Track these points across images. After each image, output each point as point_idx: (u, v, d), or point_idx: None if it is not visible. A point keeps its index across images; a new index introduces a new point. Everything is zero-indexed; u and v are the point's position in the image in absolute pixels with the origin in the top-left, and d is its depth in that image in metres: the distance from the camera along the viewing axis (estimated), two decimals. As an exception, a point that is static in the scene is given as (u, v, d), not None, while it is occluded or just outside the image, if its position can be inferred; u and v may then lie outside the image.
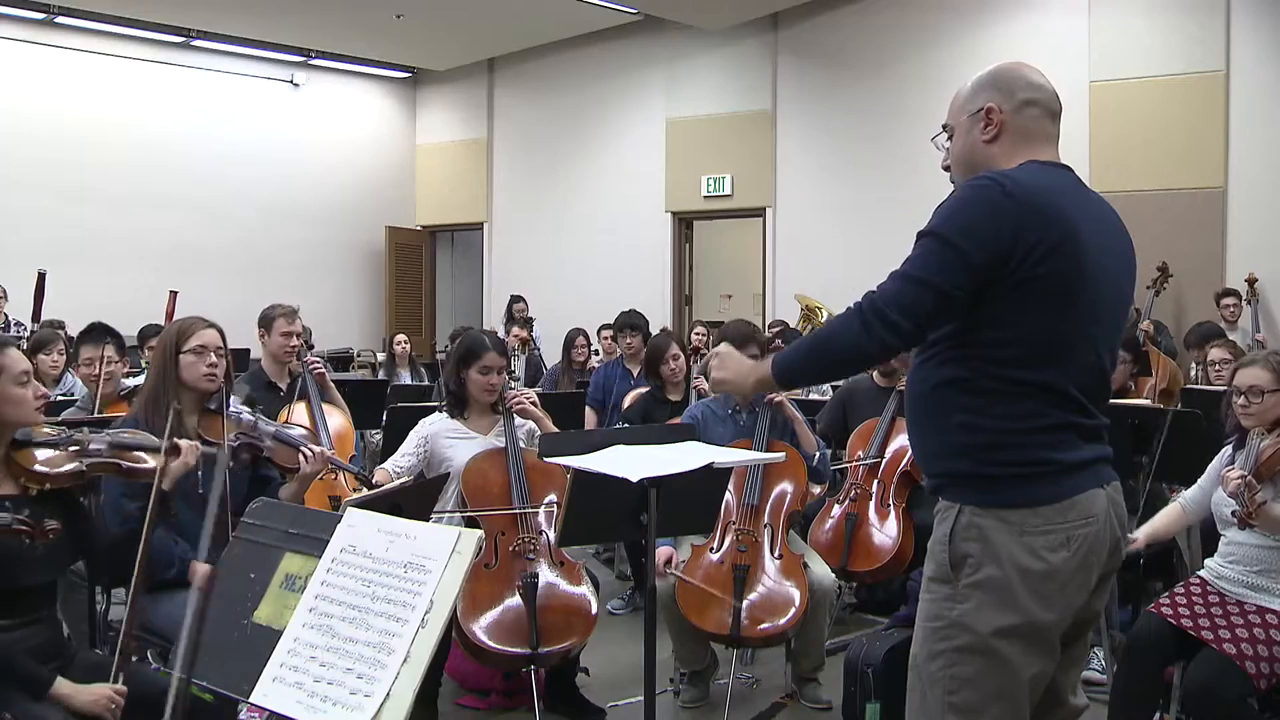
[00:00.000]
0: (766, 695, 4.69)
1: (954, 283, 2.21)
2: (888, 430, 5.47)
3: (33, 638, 2.84)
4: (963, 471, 2.32)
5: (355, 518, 2.10)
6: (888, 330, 2.22)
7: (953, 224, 2.24)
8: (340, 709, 1.88)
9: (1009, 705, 2.28)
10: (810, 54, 11.96)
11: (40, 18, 11.92)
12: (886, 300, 2.23)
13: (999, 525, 2.26)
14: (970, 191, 2.27)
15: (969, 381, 2.30)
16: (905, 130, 10.90)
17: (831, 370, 2.49)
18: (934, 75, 10.70)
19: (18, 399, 2.87)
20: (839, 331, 2.30)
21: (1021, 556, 2.25)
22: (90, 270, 11.43)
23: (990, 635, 2.25)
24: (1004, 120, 2.40)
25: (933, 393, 2.36)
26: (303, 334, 5.40)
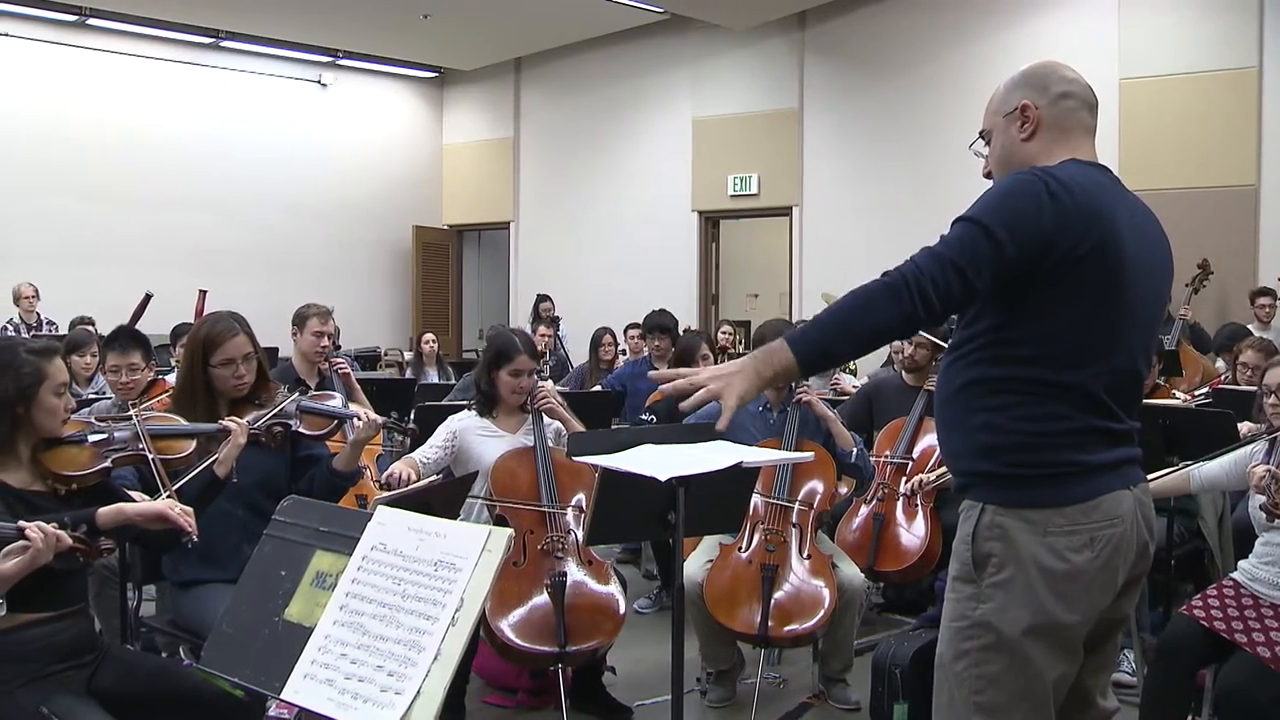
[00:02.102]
0: (794, 695, 4.68)
1: (985, 272, 2.18)
2: (915, 429, 5.45)
3: (66, 631, 2.86)
4: (987, 471, 2.31)
5: (385, 516, 2.11)
6: (922, 305, 2.16)
7: (994, 214, 2.20)
8: (371, 706, 1.88)
9: (1034, 706, 2.27)
10: (837, 53, 11.92)
11: (71, 19, 12.04)
12: (922, 274, 2.18)
13: (1022, 525, 2.25)
14: (1015, 184, 2.24)
15: (996, 382, 2.28)
16: (933, 129, 10.86)
17: (856, 345, 2.29)
18: (962, 74, 10.66)
19: (52, 408, 2.90)
20: (869, 303, 2.20)
21: (1044, 557, 2.23)
22: (121, 270, 11.53)
23: (1014, 635, 2.24)
24: (1040, 116, 2.38)
25: (960, 392, 2.35)
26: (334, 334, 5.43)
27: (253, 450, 3.40)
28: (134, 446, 3.08)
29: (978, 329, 2.31)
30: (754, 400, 4.80)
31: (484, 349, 4.66)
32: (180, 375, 3.70)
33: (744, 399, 2.26)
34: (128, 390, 4.83)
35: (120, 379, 4.87)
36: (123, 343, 4.96)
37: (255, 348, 3.63)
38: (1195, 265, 8.86)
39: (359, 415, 3.65)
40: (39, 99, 11.96)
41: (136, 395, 4.78)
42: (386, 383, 7.71)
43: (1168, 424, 4.48)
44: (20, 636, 2.74)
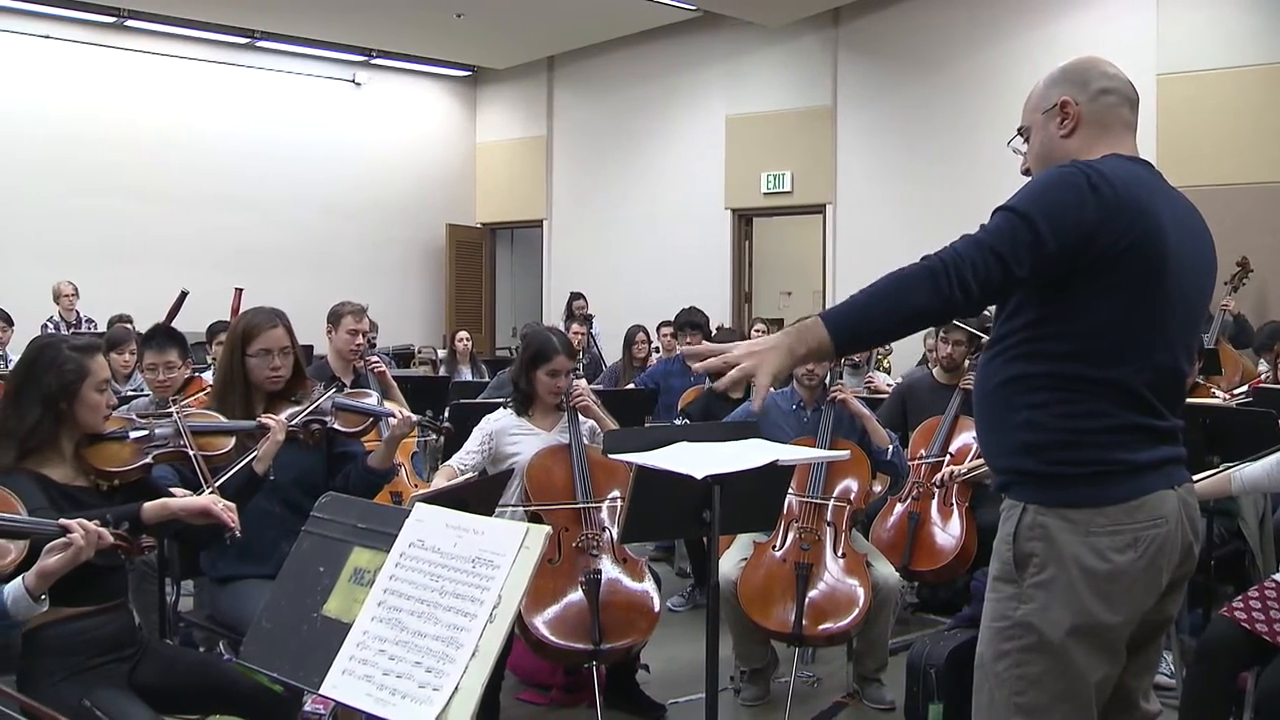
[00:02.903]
0: (828, 694, 4.66)
1: (1026, 262, 2.15)
2: (950, 428, 5.42)
3: (107, 625, 2.90)
4: (1028, 470, 2.28)
5: (423, 513, 2.11)
6: (959, 290, 2.14)
7: (1036, 204, 2.18)
8: (409, 702, 1.88)
9: (1076, 707, 2.24)
10: (871, 49, 11.87)
11: (110, 21, 12.16)
12: (962, 260, 2.15)
13: (1063, 525, 2.23)
14: (1057, 176, 2.22)
15: (1036, 379, 2.26)
16: (968, 126, 10.79)
17: (893, 327, 2.25)
18: (997, 70, 10.58)
19: (94, 404, 2.93)
20: (907, 285, 2.17)
21: (1086, 557, 2.21)
22: (158, 268, 11.64)
23: (1055, 636, 2.22)
24: (1080, 112, 2.36)
25: (999, 389, 2.33)
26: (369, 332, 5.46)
27: (290, 447, 3.43)
28: (175, 443, 3.11)
29: (1017, 324, 2.29)
30: (788, 398, 4.84)
31: (521, 348, 4.67)
32: (220, 367, 3.74)
33: (778, 376, 2.22)
34: (164, 388, 4.87)
35: (157, 377, 4.91)
36: (159, 341, 5.00)
37: (293, 343, 3.67)
38: (1234, 263, 8.76)
39: (394, 413, 3.67)
40: (79, 100, 12.09)
41: (173, 393, 4.82)
42: (420, 380, 7.74)
43: (1209, 423, 4.43)
44: (63, 630, 2.78)
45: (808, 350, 2.22)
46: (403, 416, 3.65)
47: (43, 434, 2.86)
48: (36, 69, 11.88)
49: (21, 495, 2.61)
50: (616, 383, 8.27)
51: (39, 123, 11.77)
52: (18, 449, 2.83)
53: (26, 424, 2.84)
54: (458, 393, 7.30)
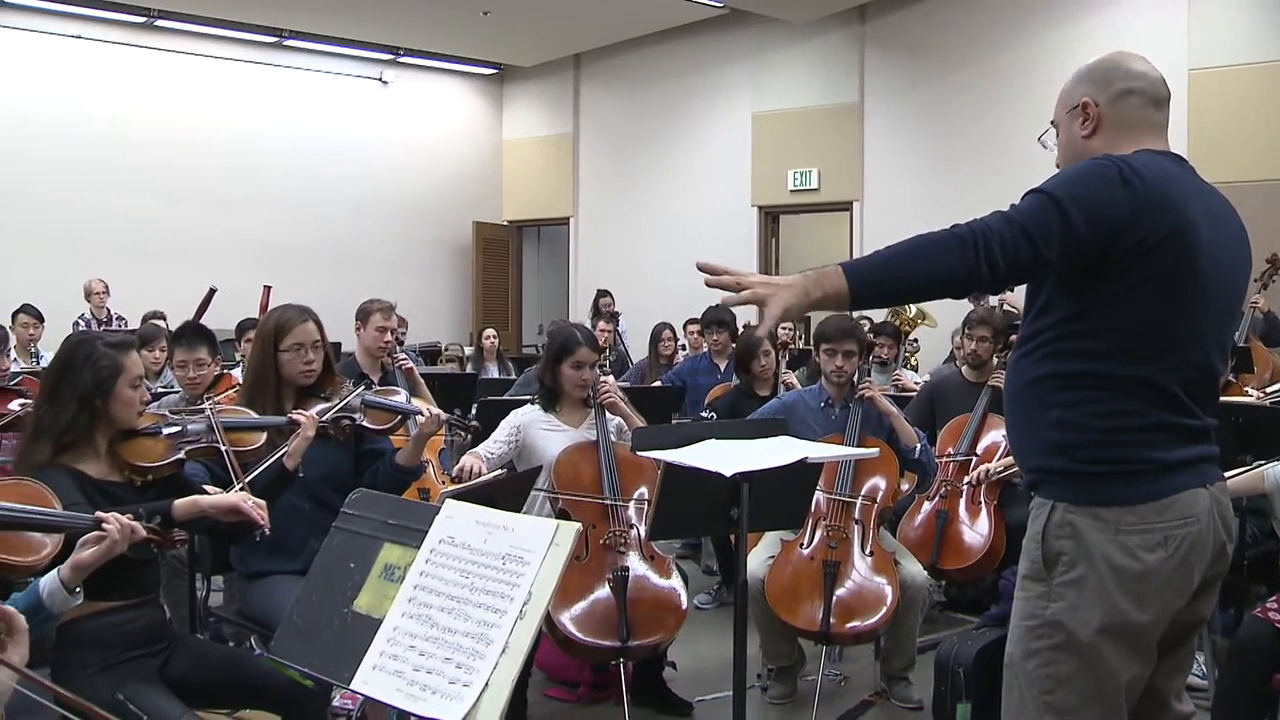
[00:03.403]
0: (855, 693, 4.65)
1: (1054, 244, 2.13)
2: (979, 426, 5.40)
3: (139, 619, 2.93)
4: (1057, 468, 2.27)
5: (453, 509, 2.12)
6: (985, 262, 2.12)
7: (1068, 190, 2.16)
8: (439, 698, 1.89)
9: (1106, 707, 2.23)
10: (898, 46, 11.82)
11: (140, 21, 12.25)
12: (991, 233, 2.13)
13: (1093, 523, 2.21)
14: (1089, 167, 2.20)
15: (1067, 377, 2.25)
16: (996, 122, 10.73)
17: (913, 289, 2.24)
18: (1026, 66, 10.51)
19: (129, 400, 2.96)
20: (934, 249, 2.16)
21: (1116, 555, 2.19)
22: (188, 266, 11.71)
23: (1085, 635, 2.21)
24: (1100, 114, 2.34)
25: (1029, 388, 2.32)
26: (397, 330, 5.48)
27: (319, 444, 3.45)
28: (208, 439, 3.14)
29: (1047, 322, 2.28)
30: (816, 395, 4.83)
31: (545, 344, 4.68)
32: (251, 363, 3.76)
33: (788, 313, 2.19)
34: (194, 385, 4.90)
35: (187, 374, 4.94)
36: (189, 338, 5.03)
37: (323, 338, 3.69)
38: (1265, 259, 8.66)
39: (422, 411, 3.68)
40: (109, 100, 12.20)
41: (203, 390, 4.85)
42: (448, 378, 7.77)
43: (1241, 421, 4.39)
44: (97, 623, 2.80)
45: (823, 294, 2.21)
46: (431, 414, 3.66)
47: (78, 430, 2.89)
48: (67, 69, 11.98)
49: (57, 490, 2.64)
50: (643, 380, 8.28)
51: (69, 122, 11.87)
52: (54, 445, 2.86)
53: (62, 420, 2.87)
54: (484, 390, 7.33)
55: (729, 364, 7.01)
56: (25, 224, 11.46)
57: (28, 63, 11.76)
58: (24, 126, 11.60)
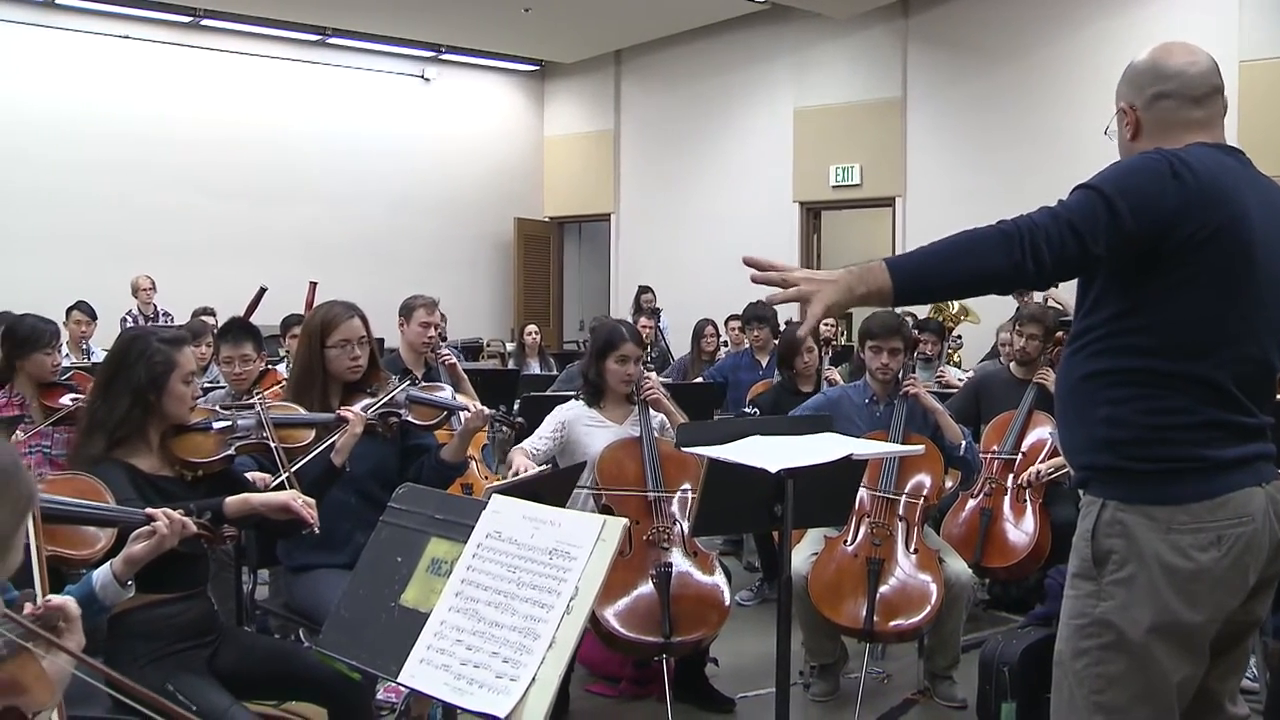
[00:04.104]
0: (898, 691, 4.62)
1: (1102, 240, 2.11)
2: (1024, 423, 5.34)
3: (188, 612, 2.96)
4: (1107, 466, 2.25)
5: (500, 504, 2.13)
6: (1031, 258, 2.10)
7: (1116, 185, 2.14)
8: (486, 692, 1.90)
9: (1157, 708, 2.21)
10: (942, 40, 11.73)
11: (186, 20, 12.39)
12: (1037, 229, 2.12)
13: (1144, 522, 2.19)
14: (1140, 161, 2.19)
15: (1118, 374, 2.23)
16: (1041, 117, 10.63)
17: (957, 285, 2.25)
18: (1071, 59, 10.41)
19: (181, 396, 2.99)
20: (979, 244, 2.14)
21: (1167, 555, 2.17)
22: (233, 263, 11.85)
23: (1136, 634, 2.18)
24: (1138, 118, 2.32)
25: (1080, 384, 2.30)
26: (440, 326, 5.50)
27: (365, 439, 3.48)
28: (257, 434, 3.17)
29: (1098, 319, 2.26)
30: (860, 392, 4.81)
31: (589, 340, 4.69)
32: (297, 359, 3.79)
33: (830, 310, 2.19)
34: (240, 381, 4.95)
35: (233, 370, 4.99)
36: (235, 335, 5.08)
37: (368, 334, 3.71)
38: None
39: (467, 407, 3.70)
40: (156, 98, 12.36)
41: (248, 385, 4.89)
42: (490, 373, 7.79)
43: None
44: (148, 615, 2.84)
45: (868, 290, 2.20)
46: (476, 410, 3.68)
47: (131, 424, 2.92)
48: (115, 69, 12.15)
49: (110, 484, 2.67)
50: (684, 376, 8.27)
51: (117, 122, 12.04)
52: (107, 439, 2.90)
53: (116, 415, 2.91)
54: (527, 386, 7.35)
55: (771, 360, 6.99)
56: (75, 222, 11.63)
57: (77, 63, 11.93)
58: (73, 126, 11.76)
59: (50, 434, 4.45)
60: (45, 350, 4.56)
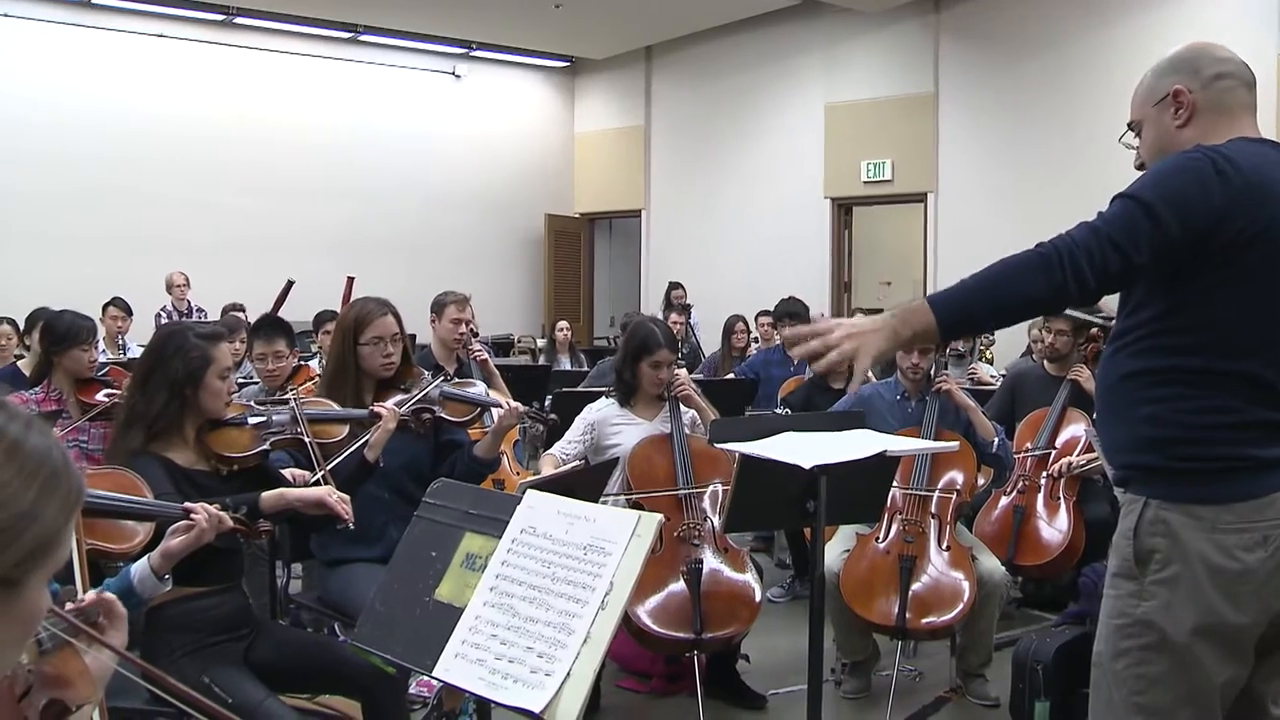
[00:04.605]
0: (930, 689, 4.60)
1: (1144, 249, 2.09)
2: (1058, 420, 5.30)
3: (224, 605, 2.98)
4: (1150, 465, 2.22)
5: (534, 499, 2.13)
6: (1075, 279, 2.09)
7: (1156, 191, 2.12)
8: (521, 687, 1.91)
9: (1199, 709, 2.17)
10: (974, 34, 11.65)
11: (219, 19, 12.48)
12: (1077, 248, 2.10)
13: (1188, 521, 2.16)
14: (1180, 161, 2.15)
15: (1161, 372, 2.20)
16: (1075, 112, 10.53)
17: (1002, 314, 2.21)
18: (1106, 54, 10.30)
19: (217, 390, 3.02)
20: (1019, 271, 2.13)
21: (1212, 554, 2.14)
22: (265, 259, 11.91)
23: (1179, 635, 2.15)
24: (1195, 100, 2.28)
25: (1122, 383, 2.27)
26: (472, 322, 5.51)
27: (398, 435, 3.49)
28: (292, 430, 3.19)
29: (1141, 318, 2.23)
30: (892, 389, 4.79)
31: (624, 339, 4.68)
32: (331, 355, 3.82)
33: (879, 360, 2.19)
34: (273, 377, 4.97)
35: (266, 366, 5.01)
36: (268, 331, 5.10)
37: (401, 331, 3.73)
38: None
39: (500, 403, 3.71)
40: (189, 96, 12.44)
41: (281, 381, 4.92)
42: (521, 369, 7.82)
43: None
44: (184, 608, 2.86)
45: (913, 334, 2.20)
46: (509, 407, 3.69)
47: (168, 419, 2.95)
48: (148, 67, 12.24)
49: (148, 478, 2.70)
50: (715, 373, 8.26)
51: (151, 119, 12.12)
52: (145, 433, 2.93)
53: (153, 409, 2.94)
54: (558, 382, 7.36)
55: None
56: (110, 219, 11.74)
57: (112, 62, 12.03)
58: (108, 124, 11.87)
59: (87, 429, 4.50)
60: (83, 346, 4.61)
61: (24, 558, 1.07)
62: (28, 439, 1.09)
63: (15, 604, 1.09)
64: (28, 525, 1.07)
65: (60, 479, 1.11)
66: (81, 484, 1.15)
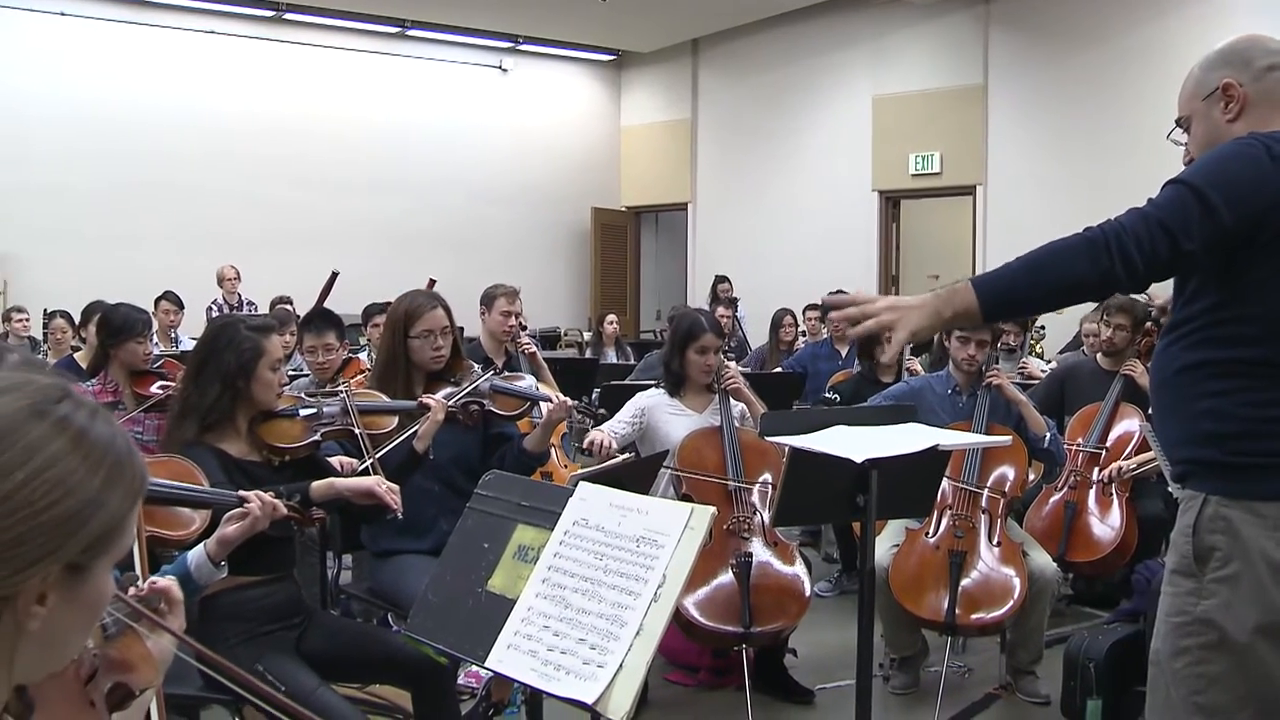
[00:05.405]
0: (980, 686, 4.57)
1: (1195, 236, 2.05)
2: (1110, 415, 5.23)
3: (277, 594, 3.02)
4: (1210, 460, 2.18)
5: (587, 491, 2.13)
6: (1122, 264, 2.05)
7: (1208, 177, 2.08)
8: (574, 678, 1.91)
9: (1262, 709, 2.13)
10: (1025, 25, 11.52)
11: (269, 15, 12.60)
12: (1125, 232, 2.06)
13: (1249, 518, 2.12)
14: (1233, 148, 2.12)
15: (1220, 365, 2.16)
16: (1127, 103, 10.38)
17: (1047, 298, 2.18)
18: (1159, 44, 10.15)
19: (268, 382, 3.06)
20: (1065, 254, 2.10)
21: (1274, 552, 2.10)
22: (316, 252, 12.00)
23: (1240, 634, 2.11)
24: (1246, 94, 2.23)
25: (1179, 376, 2.23)
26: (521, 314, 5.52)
27: (447, 427, 3.51)
28: (343, 421, 3.22)
29: (1197, 308, 2.19)
30: (943, 382, 4.75)
31: (669, 330, 4.69)
32: (381, 349, 3.85)
33: (917, 335, 2.16)
34: (323, 370, 5.01)
35: (317, 359, 5.04)
36: (318, 324, 5.14)
37: (451, 324, 3.75)
38: None
39: (550, 397, 3.72)
40: (239, 91, 12.58)
41: (331, 374, 4.95)
42: (568, 362, 7.83)
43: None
44: (238, 597, 2.90)
45: (954, 313, 2.18)
46: (559, 402, 3.70)
47: (221, 410, 2.99)
48: (199, 63, 12.39)
49: (203, 468, 2.73)
50: (762, 366, 8.25)
51: (201, 114, 12.26)
52: (199, 424, 2.97)
53: (207, 400, 2.97)
54: (604, 375, 7.37)
55: (851, 350, 6.94)
56: (161, 214, 11.91)
57: (161, 58, 12.19)
58: (159, 119, 12.02)
59: (142, 420, 4.55)
60: (138, 339, 4.67)
61: (91, 544, 1.09)
62: (93, 428, 1.11)
63: (83, 589, 1.11)
64: (94, 512, 1.09)
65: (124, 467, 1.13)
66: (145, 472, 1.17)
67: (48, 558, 1.06)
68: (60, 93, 11.54)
